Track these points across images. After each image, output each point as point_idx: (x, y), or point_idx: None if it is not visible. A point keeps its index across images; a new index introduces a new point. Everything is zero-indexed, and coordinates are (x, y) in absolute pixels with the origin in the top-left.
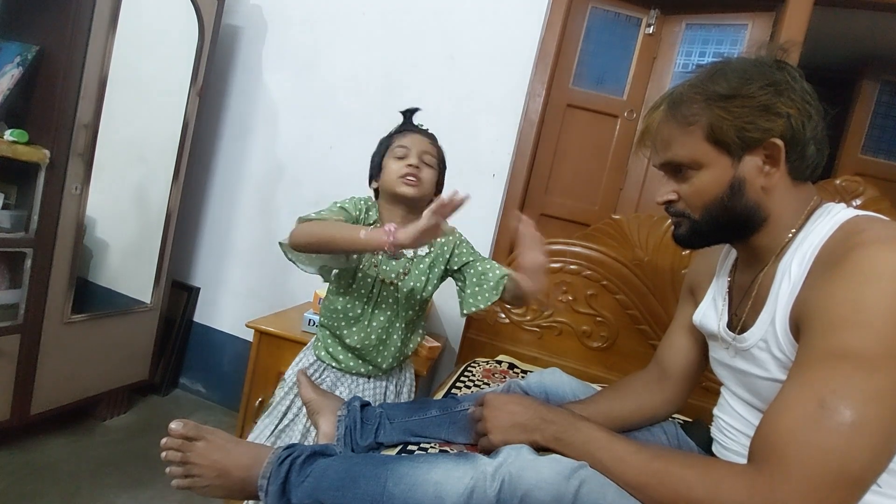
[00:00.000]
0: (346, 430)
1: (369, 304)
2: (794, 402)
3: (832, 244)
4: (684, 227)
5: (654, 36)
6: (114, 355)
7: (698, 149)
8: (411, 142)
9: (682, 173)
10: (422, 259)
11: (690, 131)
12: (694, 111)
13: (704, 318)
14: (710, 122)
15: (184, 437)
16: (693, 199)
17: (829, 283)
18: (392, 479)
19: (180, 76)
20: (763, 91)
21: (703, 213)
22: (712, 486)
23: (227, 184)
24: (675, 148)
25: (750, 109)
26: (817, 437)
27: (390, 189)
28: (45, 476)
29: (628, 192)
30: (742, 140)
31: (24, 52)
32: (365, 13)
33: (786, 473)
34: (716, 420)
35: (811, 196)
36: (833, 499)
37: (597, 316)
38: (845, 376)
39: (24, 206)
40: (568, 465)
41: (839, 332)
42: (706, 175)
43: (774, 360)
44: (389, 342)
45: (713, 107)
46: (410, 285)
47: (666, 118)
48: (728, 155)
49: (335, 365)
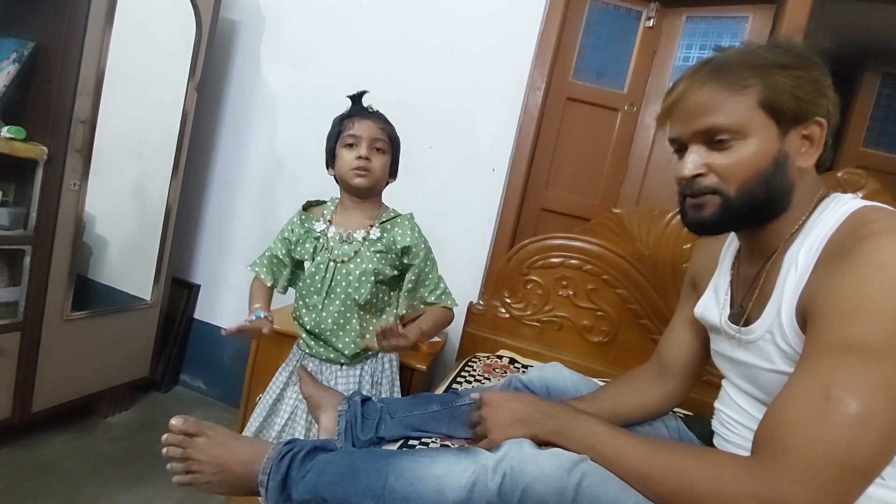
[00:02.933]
0: (347, 424)
1: (323, 287)
2: (800, 393)
3: (840, 235)
4: (712, 207)
5: (654, 29)
6: (114, 352)
7: (749, 115)
8: (361, 129)
9: (722, 143)
10: (373, 242)
11: (743, 94)
12: (748, 75)
13: (706, 310)
14: (768, 85)
15: (185, 434)
16: (731, 172)
17: (837, 273)
18: (393, 474)
19: (178, 71)
20: (817, 69)
21: (739, 189)
22: (715, 475)
23: (226, 179)
24: (718, 114)
25: (808, 81)
26: (822, 429)
27: (343, 179)
28: (46, 474)
29: (629, 186)
30: (797, 110)
31: (20, 47)
32: (363, 7)
33: (789, 464)
34: (717, 413)
35: (820, 186)
36: (837, 490)
37: (597, 310)
38: (852, 367)
39: (22, 204)
40: (569, 459)
41: (846, 324)
42: (751, 145)
43: (780, 352)
44: (349, 327)
45: (771, 73)
46: (362, 267)
47: (709, 82)
48: (777, 125)
49: (308, 351)
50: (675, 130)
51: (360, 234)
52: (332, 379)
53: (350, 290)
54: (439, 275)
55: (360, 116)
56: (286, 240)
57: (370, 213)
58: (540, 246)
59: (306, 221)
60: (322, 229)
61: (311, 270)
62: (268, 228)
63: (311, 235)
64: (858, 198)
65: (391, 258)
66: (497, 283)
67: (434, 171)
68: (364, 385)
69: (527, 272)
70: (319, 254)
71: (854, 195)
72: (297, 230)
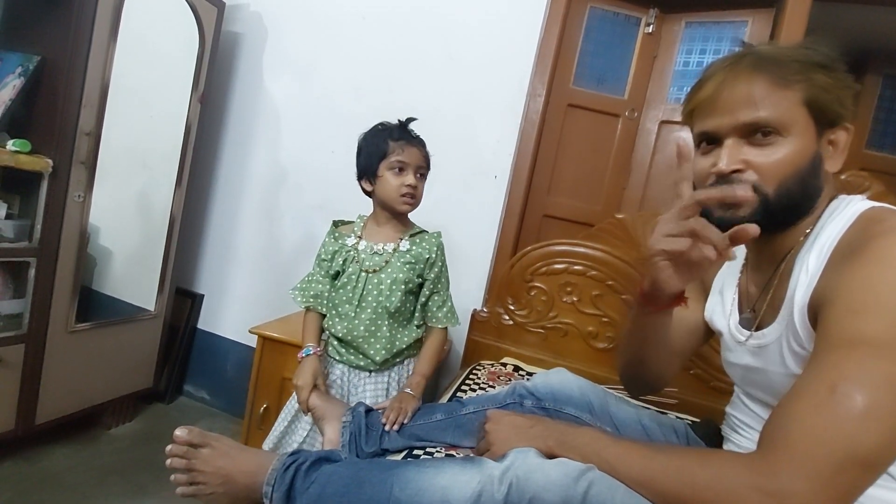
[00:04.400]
0: (351, 436)
1: (355, 297)
2: (806, 388)
3: (851, 235)
4: (749, 207)
5: (653, 35)
6: (118, 363)
7: (793, 112)
8: (409, 156)
9: (764, 138)
10: (403, 254)
11: (790, 90)
12: (794, 70)
13: (714, 314)
14: (814, 84)
15: (189, 444)
16: (772, 170)
17: (847, 271)
18: (398, 485)
19: (181, 83)
20: (848, 74)
21: (779, 188)
22: (716, 470)
23: (229, 190)
24: (765, 107)
25: (845, 86)
26: (825, 421)
27: (388, 203)
28: (50, 486)
29: (631, 191)
30: (835, 113)
31: (26, 62)
32: (364, 17)
33: (790, 455)
34: (728, 418)
35: (833, 189)
36: (839, 481)
37: (602, 316)
38: (858, 361)
39: (27, 216)
40: (576, 468)
41: (853, 318)
42: (792, 143)
43: (793, 354)
44: (379, 334)
45: (815, 70)
46: (393, 276)
47: (755, 74)
48: (815, 126)
49: (337, 358)
50: (710, 123)
51: (390, 246)
52: (359, 385)
53: (381, 298)
54: (449, 293)
55: (408, 142)
56: (324, 261)
57: (400, 228)
58: (543, 252)
59: (339, 238)
60: (353, 243)
61: (343, 281)
62: (271, 238)
63: (344, 249)
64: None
65: (419, 269)
66: (500, 290)
67: (436, 180)
68: (391, 391)
69: (530, 279)
70: (350, 265)
71: (862, 197)
72: (329, 247)
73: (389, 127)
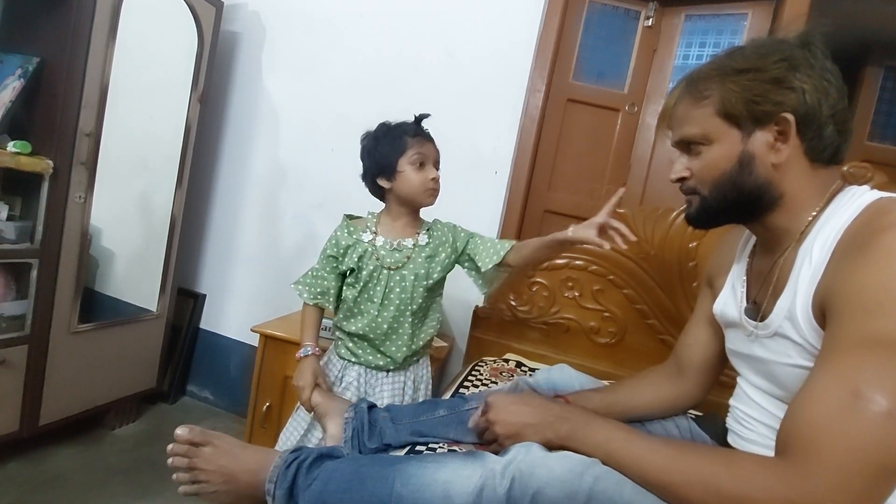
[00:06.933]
0: (354, 432)
1: (377, 294)
2: (825, 391)
3: (856, 227)
4: (694, 205)
5: (653, 28)
6: (121, 364)
7: (709, 123)
8: (428, 150)
9: (694, 149)
10: (423, 248)
11: (703, 106)
12: (708, 86)
13: (725, 306)
14: (721, 96)
15: (190, 443)
16: (703, 175)
17: (856, 267)
18: (400, 480)
19: (181, 83)
20: (777, 65)
21: (712, 189)
22: (744, 480)
23: (230, 189)
24: (686, 125)
25: (761, 83)
26: (853, 428)
27: (411, 197)
28: (54, 486)
29: (632, 185)
30: (751, 113)
31: (26, 63)
32: (362, 15)
33: (821, 465)
34: (732, 410)
35: (833, 179)
36: (872, 491)
37: (604, 311)
38: (879, 364)
39: (28, 217)
40: (580, 462)
41: (870, 319)
42: (716, 150)
43: (796, 346)
44: (401, 331)
45: (726, 81)
46: (416, 272)
47: (682, 96)
48: (738, 129)
49: (354, 360)
50: (669, 139)
51: (408, 241)
52: (377, 386)
53: (404, 295)
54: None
55: (424, 138)
56: (331, 257)
57: (415, 222)
58: None
59: (353, 233)
60: (370, 239)
61: (363, 278)
62: (272, 237)
63: (360, 244)
64: (874, 189)
65: (439, 260)
66: (502, 286)
67: None
68: (407, 391)
69: (532, 274)
70: (366, 262)
71: (868, 187)
72: (343, 241)
73: (405, 124)
